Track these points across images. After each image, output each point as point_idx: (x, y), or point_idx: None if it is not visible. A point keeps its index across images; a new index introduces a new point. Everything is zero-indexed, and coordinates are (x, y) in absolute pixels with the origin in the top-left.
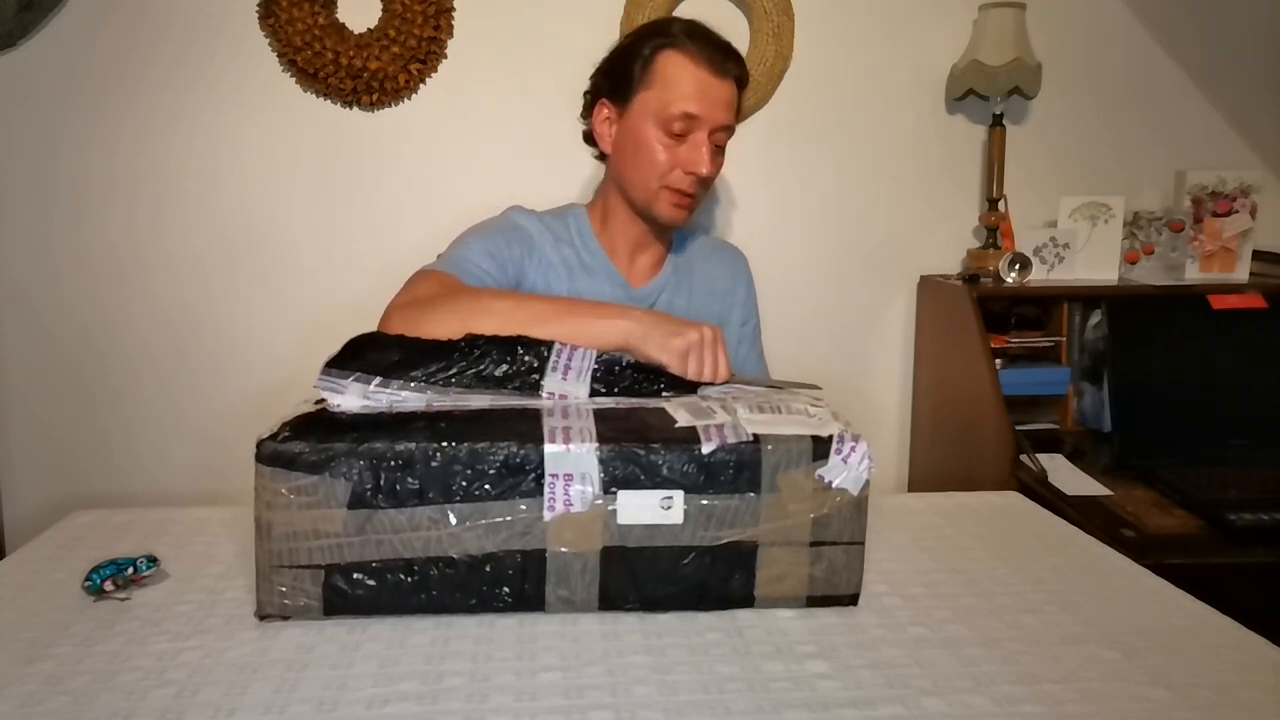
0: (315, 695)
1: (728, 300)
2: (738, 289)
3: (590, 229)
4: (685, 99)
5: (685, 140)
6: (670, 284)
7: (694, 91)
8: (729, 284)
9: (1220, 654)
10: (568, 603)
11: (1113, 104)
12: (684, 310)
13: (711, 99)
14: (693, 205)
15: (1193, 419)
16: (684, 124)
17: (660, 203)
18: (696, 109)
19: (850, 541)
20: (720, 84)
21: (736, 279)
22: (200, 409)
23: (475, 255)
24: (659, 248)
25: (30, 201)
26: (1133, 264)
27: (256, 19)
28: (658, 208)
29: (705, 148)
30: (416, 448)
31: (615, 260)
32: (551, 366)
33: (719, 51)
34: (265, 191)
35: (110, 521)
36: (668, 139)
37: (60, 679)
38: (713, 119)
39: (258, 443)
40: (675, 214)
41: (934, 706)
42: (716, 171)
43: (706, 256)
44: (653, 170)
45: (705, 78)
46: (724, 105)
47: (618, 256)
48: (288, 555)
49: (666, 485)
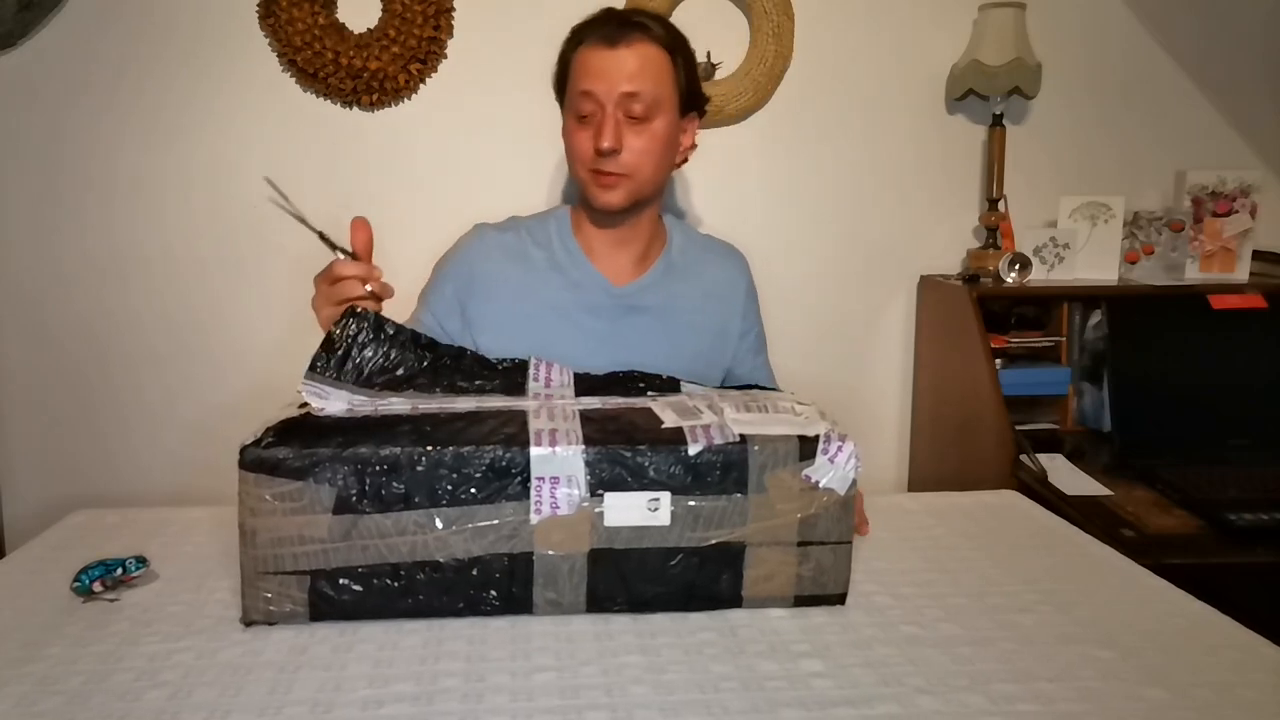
0: (310, 696)
1: (726, 307)
2: (736, 296)
3: (570, 229)
4: (581, 79)
5: (594, 119)
6: (659, 283)
7: (590, 70)
8: (728, 290)
9: (1219, 653)
10: (555, 605)
11: (1112, 104)
12: (676, 311)
13: (607, 71)
14: (621, 184)
15: (1193, 419)
16: (588, 104)
17: (590, 189)
18: (591, 84)
19: (838, 541)
20: (614, 53)
21: (735, 285)
22: (201, 409)
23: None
24: (644, 244)
25: (30, 201)
26: (1133, 264)
27: (256, 19)
28: (590, 194)
29: (609, 120)
30: (402, 452)
31: (595, 259)
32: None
33: (613, 24)
34: (265, 191)
35: (102, 522)
36: (581, 123)
37: (54, 680)
38: (611, 90)
39: (241, 449)
40: (602, 196)
41: (929, 704)
42: (648, 145)
43: (704, 257)
44: (575, 158)
45: (599, 53)
46: (622, 74)
47: (598, 255)
48: (273, 561)
49: (653, 487)
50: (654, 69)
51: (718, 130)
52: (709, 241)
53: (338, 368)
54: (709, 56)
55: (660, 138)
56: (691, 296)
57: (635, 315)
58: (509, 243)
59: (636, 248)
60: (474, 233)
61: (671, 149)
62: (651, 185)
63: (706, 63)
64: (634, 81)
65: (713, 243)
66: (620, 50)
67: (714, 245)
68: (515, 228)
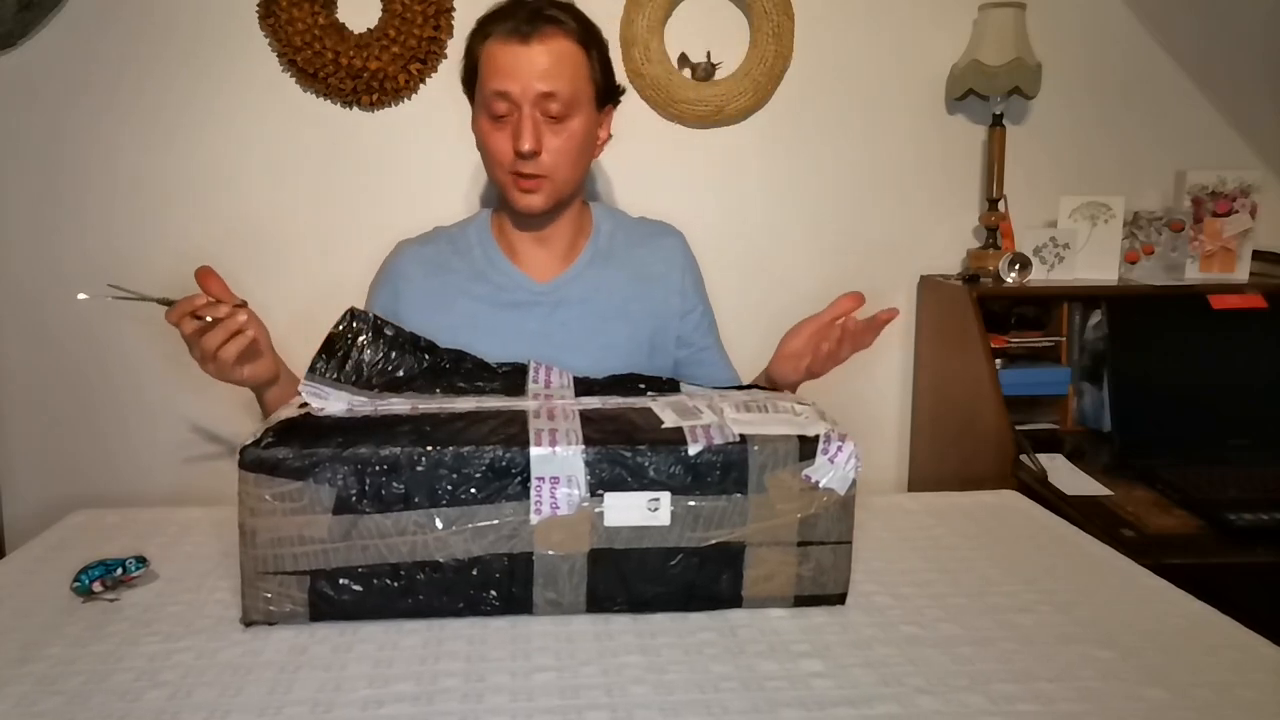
0: (310, 696)
1: (661, 287)
2: (672, 273)
3: (490, 231)
4: (493, 77)
5: (510, 120)
6: (584, 275)
7: (501, 67)
8: (662, 269)
9: (1219, 653)
10: (555, 605)
11: (1112, 104)
12: (607, 300)
13: (520, 69)
14: (541, 187)
15: (1193, 419)
16: (503, 105)
17: (510, 192)
18: (505, 84)
19: (838, 541)
20: (526, 50)
21: (670, 263)
22: (201, 409)
23: None
24: (569, 238)
25: (30, 201)
26: (1133, 264)
27: (256, 19)
28: (510, 198)
29: (527, 121)
30: (401, 452)
31: (517, 259)
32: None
33: (523, 16)
34: (265, 191)
35: (102, 522)
36: (495, 124)
37: (53, 680)
38: (527, 90)
39: (240, 449)
40: (524, 200)
41: (929, 704)
42: (566, 145)
43: (634, 240)
44: (493, 161)
45: (511, 49)
46: (536, 72)
47: (521, 255)
48: (273, 561)
49: (653, 487)
50: (569, 66)
51: (718, 130)
52: (640, 224)
53: (337, 369)
54: (709, 56)
55: (578, 136)
56: (622, 283)
57: (564, 310)
58: (428, 255)
59: (561, 243)
60: (395, 251)
61: (590, 145)
62: (571, 184)
63: (706, 62)
64: (550, 80)
65: (644, 224)
66: (533, 46)
67: (645, 226)
68: (436, 239)
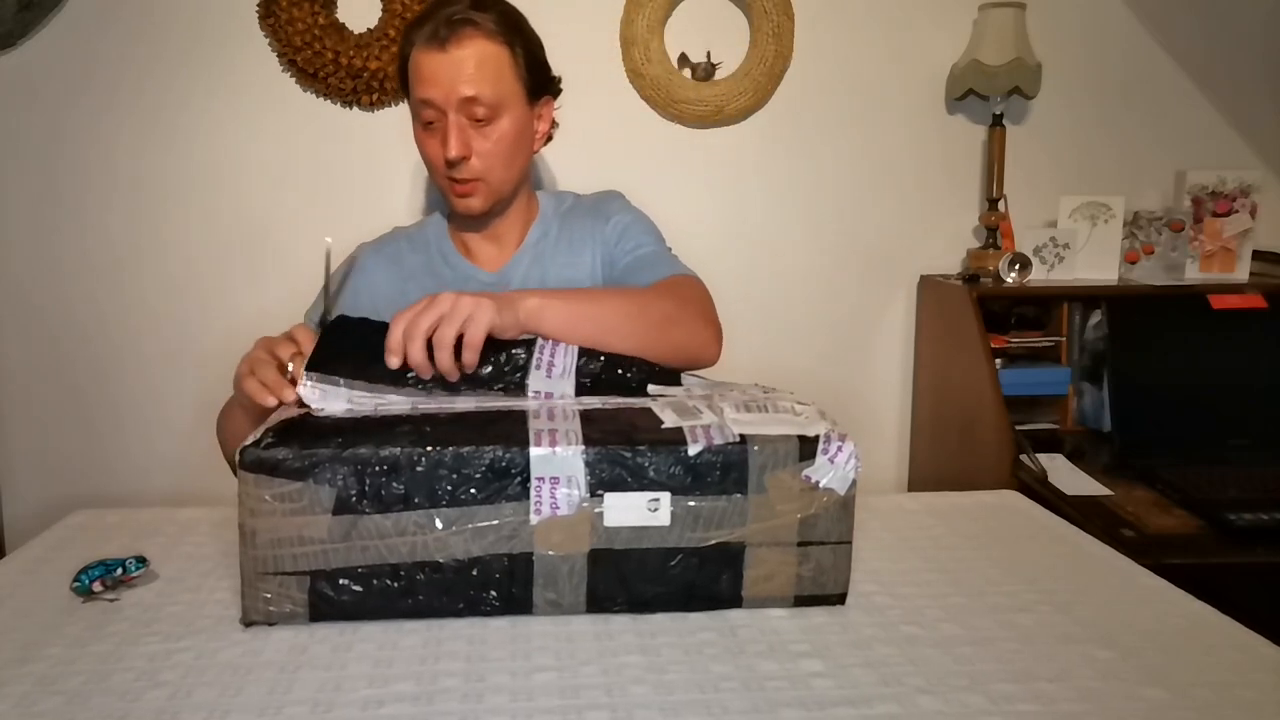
0: (310, 696)
1: (593, 240)
2: (600, 224)
3: (445, 229)
4: (417, 85)
5: (438, 128)
6: (528, 259)
7: (424, 75)
8: (594, 225)
9: (1218, 653)
10: (555, 605)
11: (1112, 104)
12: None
13: (440, 76)
14: (476, 190)
15: (1193, 419)
16: (431, 113)
17: (448, 197)
18: (428, 92)
19: (838, 541)
20: (445, 56)
21: (600, 217)
22: (201, 409)
23: None
24: (517, 229)
25: (30, 202)
26: (1133, 264)
27: (256, 19)
28: (450, 202)
29: (452, 129)
30: (401, 453)
31: (471, 255)
32: (535, 364)
33: (444, 20)
34: (265, 191)
35: (101, 522)
36: (427, 132)
37: (53, 680)
38: (449, 96)
39: (240, 449)
40: (463, 204)
41: (929, 704)
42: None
43: (572, 218)
44: (430, 169)
45: (431, 56)
46: (458, 78)
47: (473, 250)
48: (273, 562)
49: (653, 487)
50: (491, 67)
51: (718, 130)
52: (579, 199)
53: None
54: (709, 56)
55: (509, 137)
56: (562, 255)
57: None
58: (386, 255)
59: (510, 235)
60: (354, 253)
61: (524, 142)
62: (509, 183)
63: (706, 62)
64: (471, 85)
65: (583, 198)
66: (451, 51)
67: (583, 200)
68: (395, 239)
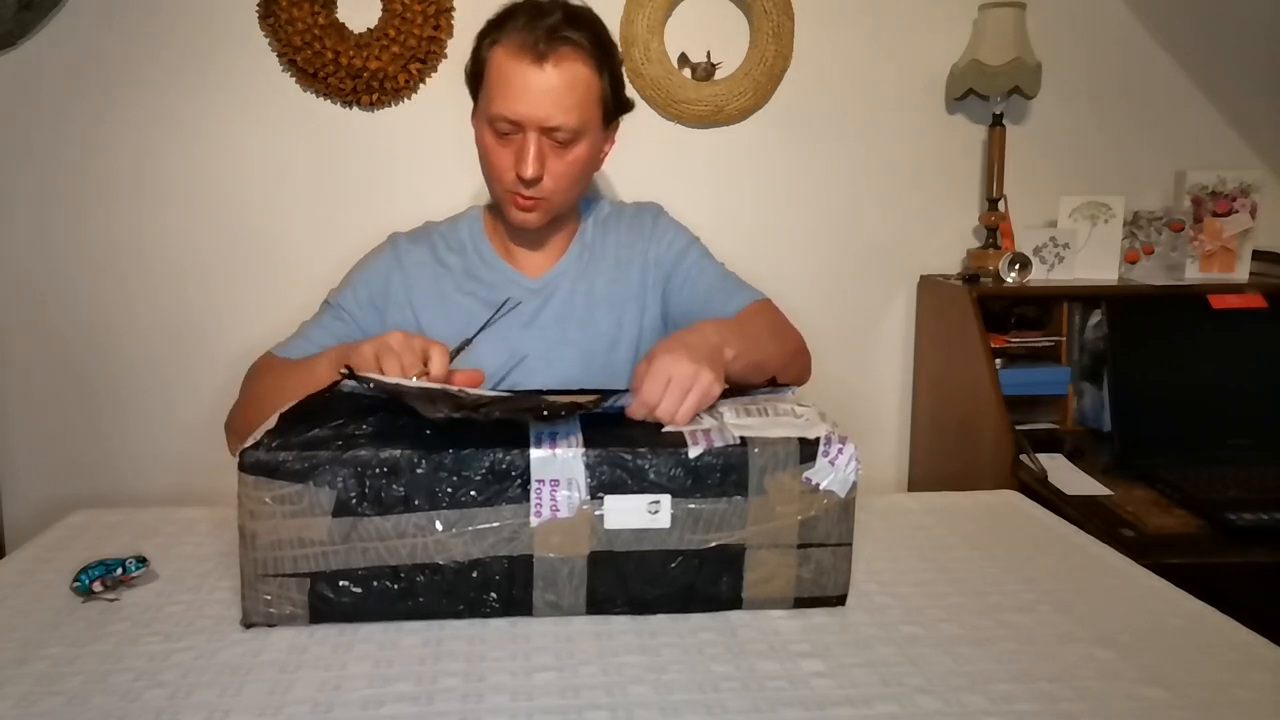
0: (310, 696)
1: (644, 260)
2: (651, 244)
3: (483, 229)
4: (501, 100)
5: (514, 140)
6: (574, 269)
7: (512, 90)
8: (643, 244)
9: (1217, 653)
10: (555, 607)
11: (1112, 104)
12: (592, 292)
13: (531, 96)
14: (539, 207)
15: (1193, 419)
16: (507, 126)
17: (506, 207)
18: (513, 112)
19: (838, 543)
20: (541, 74)
21: (646, 234)
22: (201, 409)
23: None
24: (562, 234)
25: (31, 201)
26: (1133, 264)
27: (256, 19)
28: (506, 213)
29: (531, 148)
30: (401, 455)
31: (510, 257)
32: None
33: (546, 33)
34: (265, 191)
35: (101, 522)
36: (500, 140)
37: (53, 680)
38: (535, 120)
39: (240, 451)
40: (520, 218)
41: (929, 704)
42: (569, 169)
43: (612, 227)
44: (492, 175)
45: (524, 71)
46: (548, 102)
47: (511, 254)
48: (273, 564)
49: (653, 489)
50: (581, 93)
51: (718, 130)
52: (621, 210)
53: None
54: (709, 56)
55: (582, 160)
56: (606, 270)
57: (554, 303)
58: (422, 250)
59: (555, 243)
60: (387, 243)
61: (594, 164)
62: (571, 202)
63: (706, 62)
64: (563, 112)
65: (624, 209)
66: (548, 70)
67: (623, 210)
68: (428, 234)
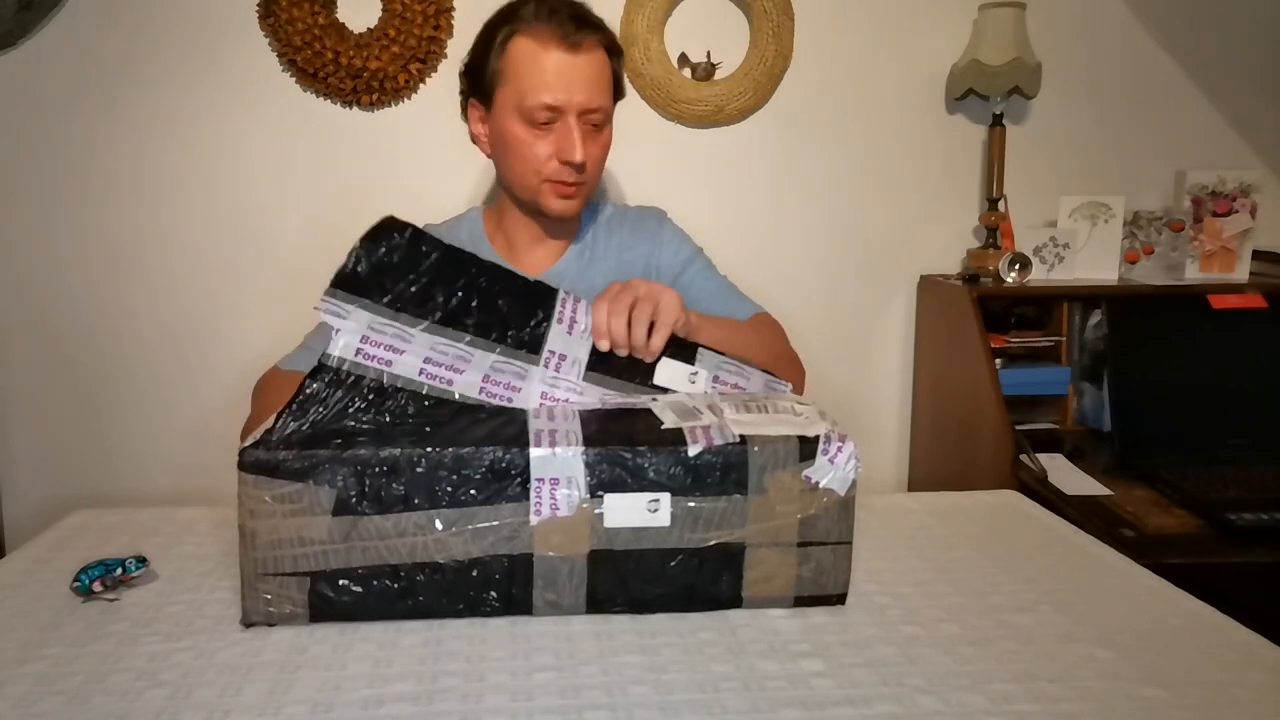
0: (310, 696)
1: (646, 263)
2: (655, 249)
3: (483, 231)
4: (541, 89)
5: (554, 128)
6: (574, 268)
7: (550, 79)
8: (645, 248)
9: (1217, 652)
10: (555, 606)
11: (1112, 104)
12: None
13: (570, 82)
14: (580, 193)
15: (1193, 419)
16: (547, 114)
17: (545, 197)
18: (554, 98)
19: (838, 541)
20: (575, 60)
21: (650, 239)
22: (201, 409)
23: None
24: (566, 233)
25: (31, 201)
26: (1133, 264)
27: (256, 19)
28: (544, 202)
29: (576, 133)
30: (401, 454)
31: (512, 258)
32: (558, 318)
33: (571, 23)
34: (265, 191)
35: (101, 522)
36: (536, 130)
37: (53, 680)
38: (575, 104)
39: (240, 450)
40: (563, 206)
41: (929, 704)
42: (602, 153)
43: (615, 228)
44: (528, 166)
45: (559, 58)
46: (586, 85)
47: (515, 254)
48: (273, 563)
49: (653, 488)
50: (606, 77)
51: (718, 130)
52: (620, 212)
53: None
54: (709, 56)
55: (608, 142)
56: (606, 271)
57: None
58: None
59: (558, 239)
60: None
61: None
62: (598, 186)
63: (706, 62)
64: (596, 95)
65: (624, 212)
66: (581, 57)
67: (625, 214)
68: None
